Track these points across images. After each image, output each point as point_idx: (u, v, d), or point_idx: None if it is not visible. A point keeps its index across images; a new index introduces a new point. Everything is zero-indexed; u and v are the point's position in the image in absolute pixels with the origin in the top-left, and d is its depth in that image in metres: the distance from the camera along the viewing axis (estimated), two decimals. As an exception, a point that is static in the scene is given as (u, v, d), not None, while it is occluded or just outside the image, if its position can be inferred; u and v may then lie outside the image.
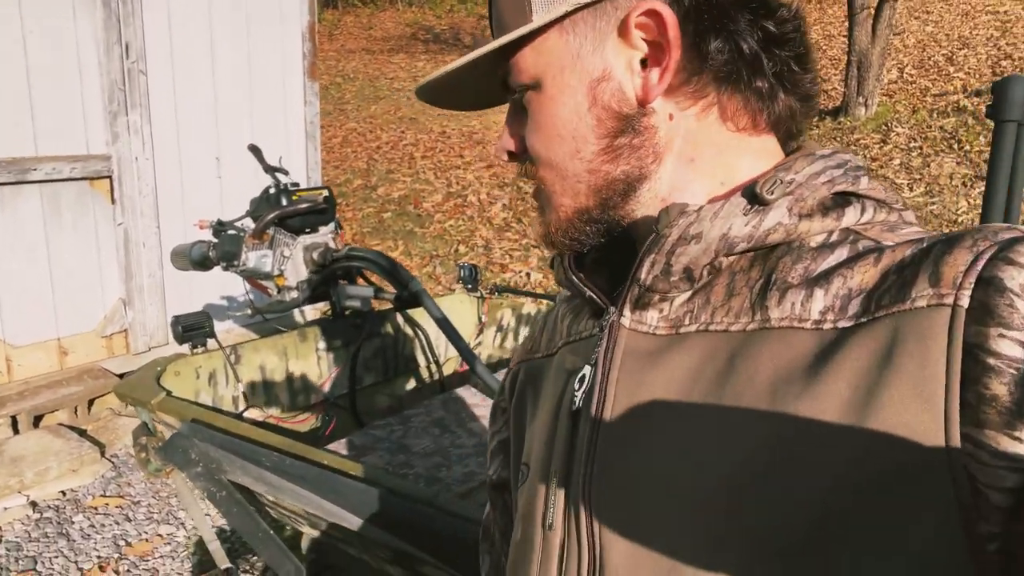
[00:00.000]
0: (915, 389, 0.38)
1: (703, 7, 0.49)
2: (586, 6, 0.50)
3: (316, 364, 2.46)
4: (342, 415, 2.48)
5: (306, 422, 2.40)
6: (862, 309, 0.42)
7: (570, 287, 0.59)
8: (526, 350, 0.70)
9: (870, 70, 6.00)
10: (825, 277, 0.45)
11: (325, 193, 2.58)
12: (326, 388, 2.48)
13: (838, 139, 5.96)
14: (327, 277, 2.46)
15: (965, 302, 0.38)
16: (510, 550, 0.63)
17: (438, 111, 8.22)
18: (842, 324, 0.42)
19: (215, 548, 2.02)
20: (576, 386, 0.54)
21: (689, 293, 0.51)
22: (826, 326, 0.43)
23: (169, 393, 1.92)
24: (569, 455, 0.53)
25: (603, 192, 0.53)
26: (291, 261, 2.54)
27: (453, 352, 2.90)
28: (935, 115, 6.02)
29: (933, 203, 5.07)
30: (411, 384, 2.77)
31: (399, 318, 2.70)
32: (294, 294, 2.52)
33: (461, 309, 2.87)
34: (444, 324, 2.14)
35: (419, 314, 2.67)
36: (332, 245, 2.60)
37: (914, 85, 6.76)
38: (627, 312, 0.53)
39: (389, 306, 2.70)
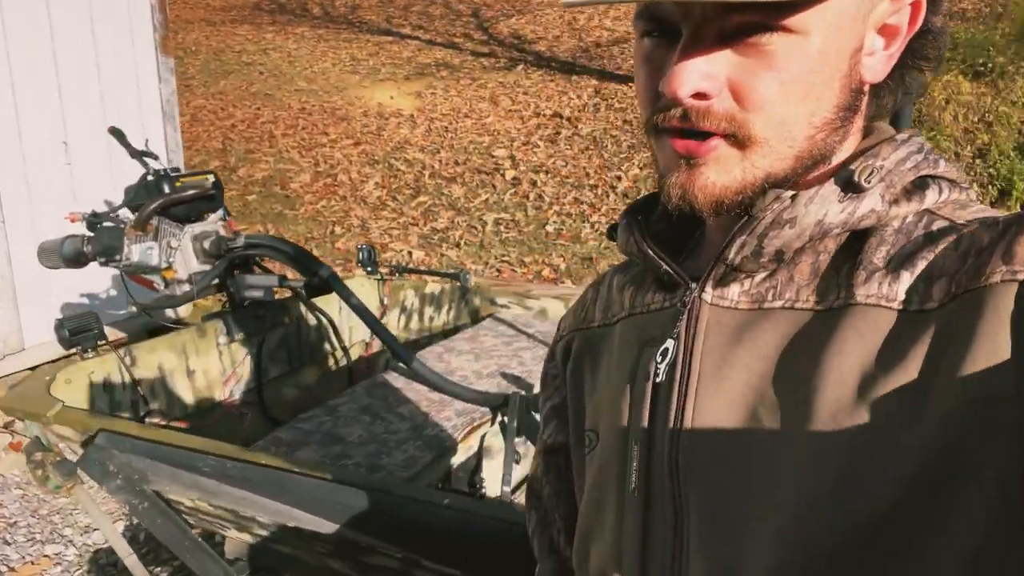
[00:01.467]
0: (990, 358, 0.42)
1: (933, 5, 0.52)
2: None
3: (218, 360, 2.33)
4: (254, 412, 2.38)
5: (214, 422, 2.28)
6: (944, 291, 0.45)
7: (643, 259, 0.60)
8: (578, 319, 0.71)
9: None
10: (910, 259, 0.48)
11: (211, 178, 2.43)
12: (231, 385, 2.36)
13: (692, 109, 6.32)
14: (223, 267, 2.33)
15: None
16: (582, 509, 0.65)
17: (295, 86, 7.87)
18: (928, 305, 0.45)
19: (133, 563, 1.89)
20: (659, 359, 0.56)
21: (772, 270, 0.53)
22: (912, 307, 0.46)
23: (64, 404, 1.76)
24: (650, 424, 0.56)
25: (802, 162, 0.51)
26: (179, 252, 2.38)
27: (359, 336, 2.84)
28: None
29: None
30: (317, 373, 2.69)
31: (301, 306, 2.61)
32: (185, 287, 2.37)
33: (362, 292, 2.81)
34: (360, 310, 2.10)
35: (321, 300, 2.59)
36: (223, 233, 2.46)
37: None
38: (709, 288, 0.55)
39: (288, 294, 2.60)
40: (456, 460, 1.83)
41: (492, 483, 2.05)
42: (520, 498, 2.06)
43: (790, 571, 0.46)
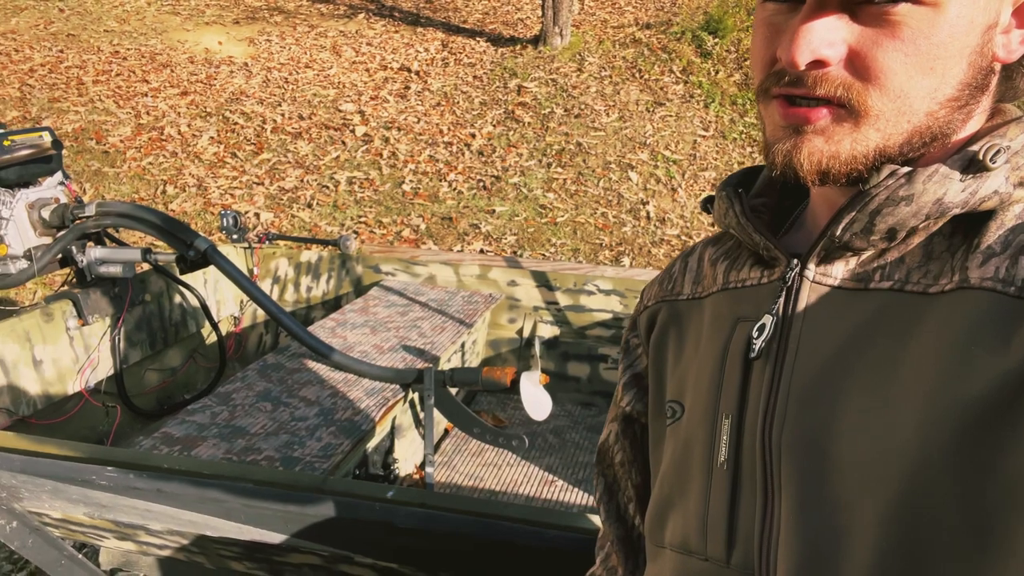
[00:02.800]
0: None
1: None
2: None
3: (70, 347, 2.03)
4: (119, 404, 2.10)
5: (70, 418, 1.99)
6: None
7: (741, 233, 0.59)
8: (665, 290, 0.70)
9: (562, 2, 6.43)
10: None
11: (48, 135, 2.08)
12: (87, 374, 2.07)
13: (541, 67, 6.34)
14: (70, 240, 2.01)
15: None
16: (661, 478, 0.65)
17: (104, 26, 6.96)
18: None
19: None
20: (755, 334, 0.55)
21: (880, 249, 0.52)
22: None
23: None
24: (742, 399, 0.56)
25: (919, 138, 0.50)
26: (12, 224, 2.03)
27: (227, 311, 2.60)
28: (617, 46, 6.70)
29: (626, 127, 5.70)
30: (184, 355, 2.43)
31: (160, 280, 2.33)
32: (22, 264, 2.03)
33: (228, 263, 2.56)
34: (245, 284, 1.91)
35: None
36: (64, 200, 2.13)
37: (595, 17, 7.41)
38: (811, 265, 0.54)
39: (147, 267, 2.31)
40: (371, 444, 1.72)
41: (404, 463, 1.97)
42: (438, 476, 1.99)
43: (899, 547, 0.46)
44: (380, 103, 5.93)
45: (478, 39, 6.88)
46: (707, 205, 0.64)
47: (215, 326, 2.44)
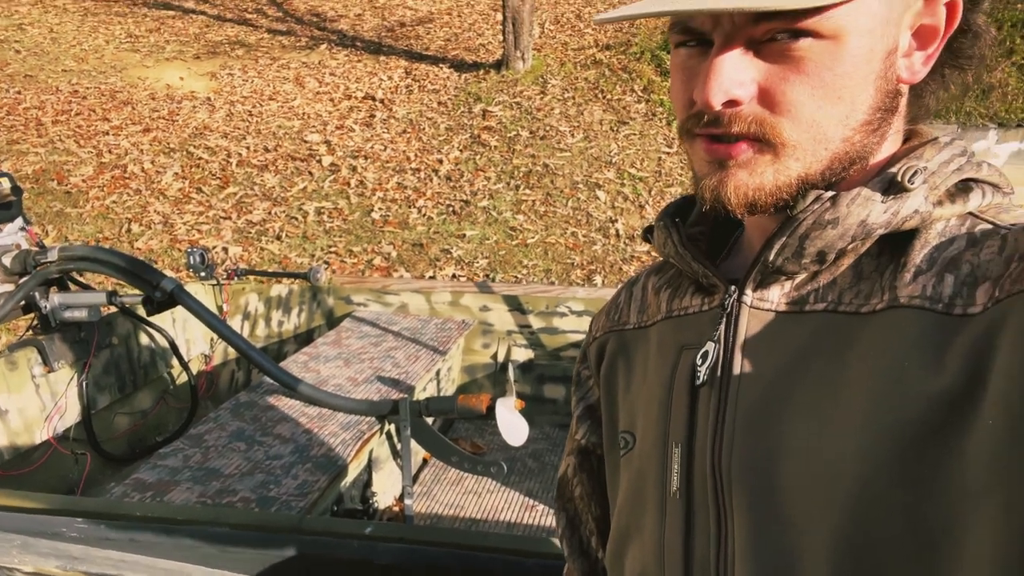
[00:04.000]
0: None
1: (970, 4, 0.51)
2: None
3: (36, 395, 1.99)
4: (89, 451, 2.06)
5: (39, 467, 1.94)
6: (988, 295, 0.45)
7: (680, 262, 0.60)
8: (612, 320, 0.71)
9: (523, 26, 6.51)
10: (954, 262, 0.48)
11: (7, 181, 2.05)
12: (55, 421, 2.02)
13: (504, 91, 6.40)
14: (33, 287, 1.98)
15: None
16: (618, 510, 0.65)
17: (62, 66, 6.89)
18: (972, 310, 0.45)
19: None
20: (699, 362, 0.56)
21: (812, 272, 0.53)
22: (956, 311, 0.46)
23: None
24: (690, 427, 0.56)
25: (839, 163, 0.51)
26: (-28, 272, 1.99)
27: (197, 350, 2.57)
28: (578, 67, 6.79)
29: (591, 147, 5.77)
30: (153, 396, 2.39)
31: (127, 322, 2.29)
32: (-17, 313, 1.99)
33: (197, 301, 2.53)
34: (214, 322, 1.89)
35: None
36: (25, 245, 2.10)
37: (556, 40, 7.51)
38: (749, 290, 0.55)
39: (112, 309, 2.28)
40: (348, 478, 1.71)
41: (383, 496, 1.95)
42: (418, 507, 1.98)
43: (851, 567, 0.46)
44: (346, 132, 5.93)
45: (441, 65, 6.93)
46: (647, 235, 0.65)
47: (185, 366, 2.40)
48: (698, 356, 0.56)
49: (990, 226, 0.49)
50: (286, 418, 1.83)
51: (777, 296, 0.54)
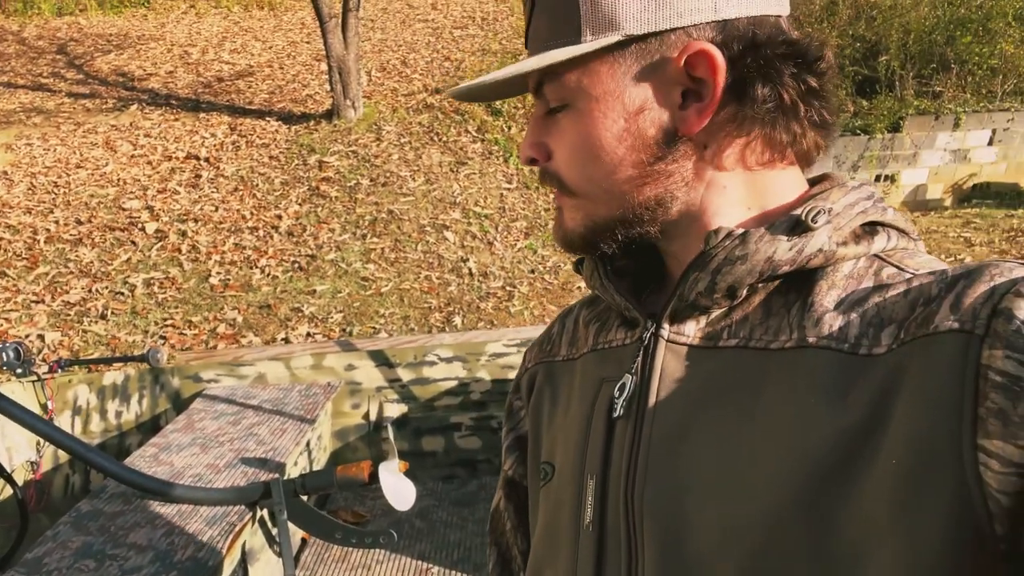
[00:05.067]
0: (934, 403, 0.42)
1: (750, 55, 0.52)
2: (640, 38, 0.52)
3: None
4: None
5: None
6: (893, 337, 0.46)
7: (605, 295, 0.62)
8: (544, 351, 0.73)
9: (350, 75, 6.43)
10: (860, 304, 0.49)
11: None
12: None
13: (340, 140, 6.27)
14: None
15: (981, 330, 0.42)
16: (535, 543, 0.65)
17: None
18: (876, 351, 0.46)
19: None
20: (616, 394, 0.57)
21: (726, 308, 0.55)
22: (861, 351, 0.47)
23: None
24: (606, 459, 0.57)
25: (634, 211, 0.56)
26: None
27: (21, 457, 2.23)
28: (411, 112, 6.81)
29: (434, 189, 5.77)
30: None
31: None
32: None
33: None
34: (37, 424, 1.65)
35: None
36: None
37: (384, 87, 7.49)
38: (666, 325, 0.57)
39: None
40: (222, 578, 1.53)
41: (264, 589, 1.77)
42: (305, 596, 1.81)
43: None
44: (170, 195, 5.54)
45: (268, 119, 6.69)
46: (578, 267, 0.66)
47: (8, 479, 2.08)
48: (616, 388, 0.58)
49: (895, 269, 0.50)
50: (140, 523, 1.62)
51: (693, 330, 0.55)
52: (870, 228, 0.54)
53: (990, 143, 7.33)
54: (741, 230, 0.52)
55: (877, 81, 7.51)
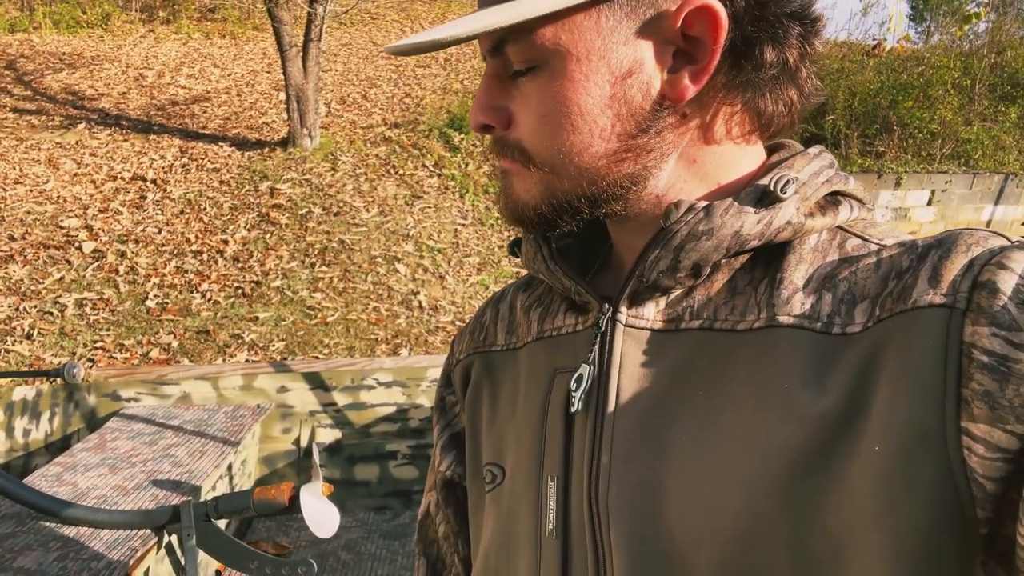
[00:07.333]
0: (916, 385, 0.39)
1: (757, 12, 0.46)
2: None
3: None
4: None
5: None
6: (868, 314, 0.43)
7: (551, 278, 0.55)
8: (477, 341, 0.65)
9: (308, 104, 6.38)
10: (830, 279, 0.45)
11: None
12: None
13: (294, 168, 6.18)
14: None
15: (963, 304, 0.39)
16: (484, 552, 0.59)
17: None
18: (851, 329, 0.43)
19: None
20: (573, 387, 0.51)
21: (687, 288, 0.50)
22: (835, 330, 0.44)
23: None
24: (566, 459, 0.52)
25: (606, 189, 0.49)
26: None
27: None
28: (369, 144, 6.77)
29: (387, 221, 5.70)
30: None
31: None
32: None
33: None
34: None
35: None
36: None
37: (343, 119, 7.46)
38: (623, 308, 0.51)
39: None
40: (118, 609, 1.39)
41: (167, 623, 1.62)
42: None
43: None
44: (112, 215, 5.36)
45: (221, 144, 6.57)
46: (515, 248, 0.60)
47: None
48: (572, 381, 0.52)
49: (860, 240, 0.47)
50: (31, 546, 1.47)
51: (652, 313, 0.50)
52: (832, 198, 0.50)
53: (929, 203, 7.60)
54: (704, 203, 0.48)
55: (824, 139, 7.75)
